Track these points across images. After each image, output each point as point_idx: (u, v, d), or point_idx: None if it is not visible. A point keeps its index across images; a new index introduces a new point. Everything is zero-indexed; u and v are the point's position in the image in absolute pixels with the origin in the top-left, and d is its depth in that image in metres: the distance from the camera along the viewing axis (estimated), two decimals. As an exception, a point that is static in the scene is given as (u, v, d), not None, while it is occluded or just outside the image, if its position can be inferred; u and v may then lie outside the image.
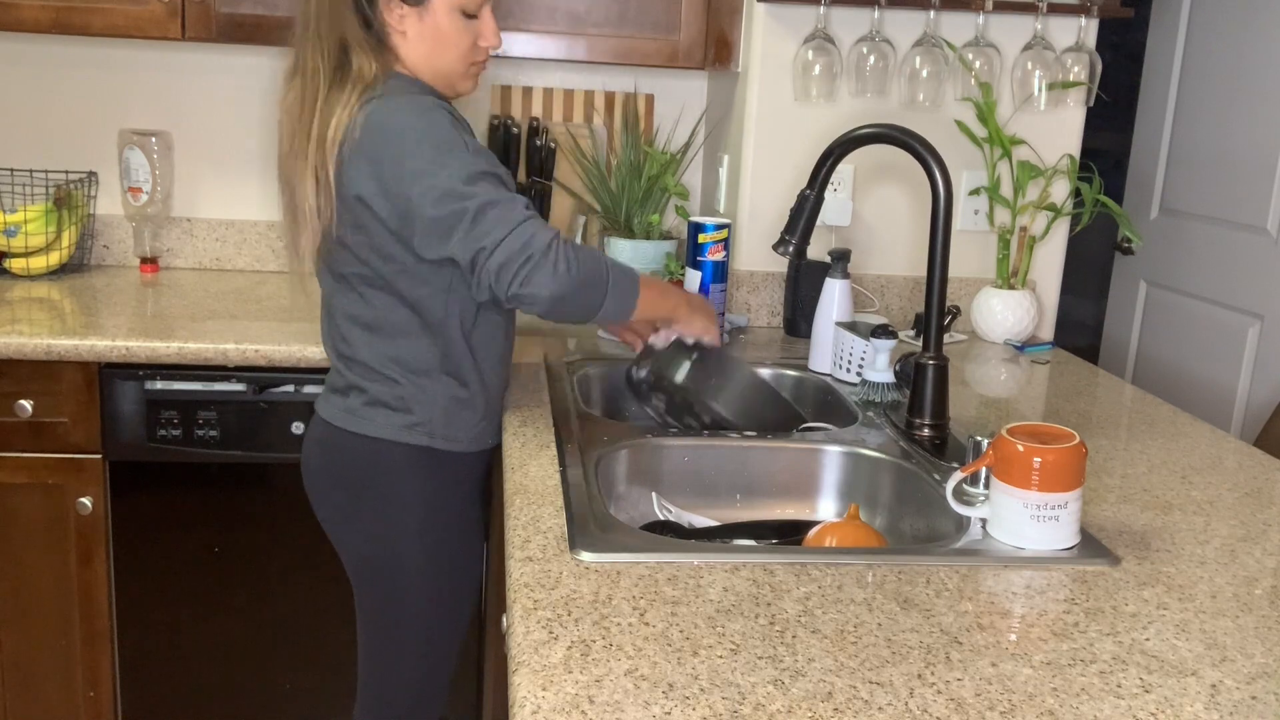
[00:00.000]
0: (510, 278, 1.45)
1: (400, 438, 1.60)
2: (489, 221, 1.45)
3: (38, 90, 2.60)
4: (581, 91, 2.69)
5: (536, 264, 1.44)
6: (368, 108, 1.50)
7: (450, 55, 1.59)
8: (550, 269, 1.45)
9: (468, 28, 1.59)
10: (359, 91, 1.51)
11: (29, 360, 2.02)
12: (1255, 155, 2.79)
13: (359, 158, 1.49)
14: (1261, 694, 0.99)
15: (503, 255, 1.44)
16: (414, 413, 1.60)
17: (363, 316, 1.60)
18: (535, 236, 1.45)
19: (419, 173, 1.46)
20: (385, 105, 1.51)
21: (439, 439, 1.62)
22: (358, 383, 1.62)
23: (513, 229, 1.45)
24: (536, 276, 1.45)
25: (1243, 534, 1.36)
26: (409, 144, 1.48)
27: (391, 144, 1.48)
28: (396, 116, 1.50)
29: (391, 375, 1.60)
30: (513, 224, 1.45)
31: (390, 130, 1.49)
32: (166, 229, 2.65)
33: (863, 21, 2.24)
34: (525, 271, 1.44)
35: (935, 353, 1.59)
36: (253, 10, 2.25)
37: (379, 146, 1.49)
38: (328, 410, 1.66)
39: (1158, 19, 3.16)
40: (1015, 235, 2.31)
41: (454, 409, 1.62)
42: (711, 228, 2.09)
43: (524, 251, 1.44)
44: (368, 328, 1.60)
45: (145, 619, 2.16)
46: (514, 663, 0.98)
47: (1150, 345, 3.17)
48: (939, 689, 0.97)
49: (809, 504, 1.64)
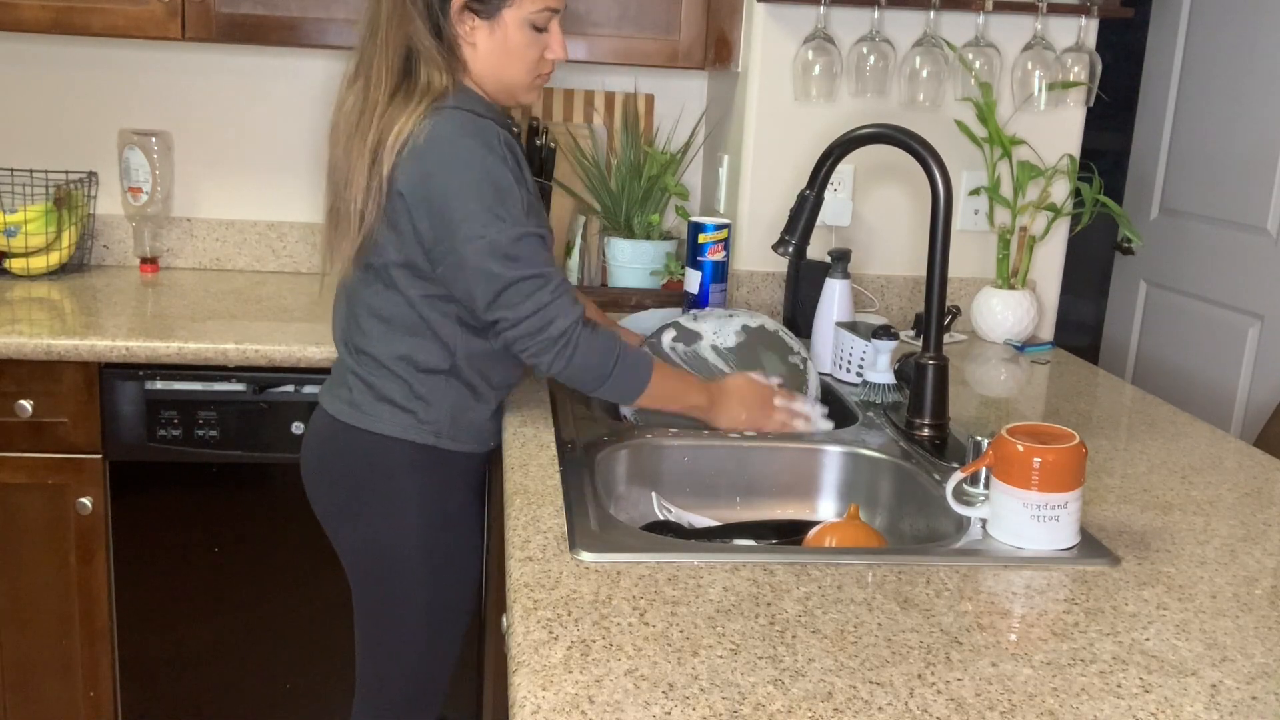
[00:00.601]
0: (521, 350, 1.55)
1: (406, 435, 1.60)
2: (518, 295, 1.51)
3: (38, 90, 2.60)
4: (581, 91, 2.69)
5: (546, 347, 1.53)
6: (435, 117, 1.50)
7: (518, 67, 1.61)
8: (554, 354, 1.54)
9: (536, 40, 1.60)
10: (427, 101, 1.51)
11: (29, 360, 2.02)
12: (1255, 155, 2.79)
13: (414, 162, 1.50)
14: (1261, 694, 0.99)
15: (519, 331, 1.53)
16: (421, 411, 1.60)
17: (381, 310, 1.60)
18: (554, 322, 1.52)
19: (470, 215, 1.49)
20: (454, 120, 1.51)
21: (445, 439, 1.62)
22: (366, 377, 1.62)
23: (538, 310, 1.52)
24: (543, 357, 1.54)
25: (1243, 534, 1.36)
26: (471, 177, 1.49)
27: (452, 165, 1.49)
28: (462, 141, 1.50)
29: (401, 372, 1.60)
30: (539, 305, 1.52)
31: (455, 150, 1.50)
32: (166, 229, 2.65)
33: (863, 21, 2.24)
34: (534, 349, 1.54)
35: (935, 353, 1.59)
36: (253, 10, 2.25)
37: (439, 161, 1.49)
38: (332, 404, 1.66)
39: (1158, 19, 3.16)
40: (1015, 235, 2.31)
41: (461, 409, 1.62)
42: (711, 228, 2.09)
43: (540, 334, 1.53)
44: (385, 321, 1.60)
45: (145, 619, 2.16)
46: (514, 663, 0.98)
47: (1150, 345, 3.17)
48: (939, 689, 0.97)
49: (809, 504, 1.64)
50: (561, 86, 2.68)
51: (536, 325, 1.52)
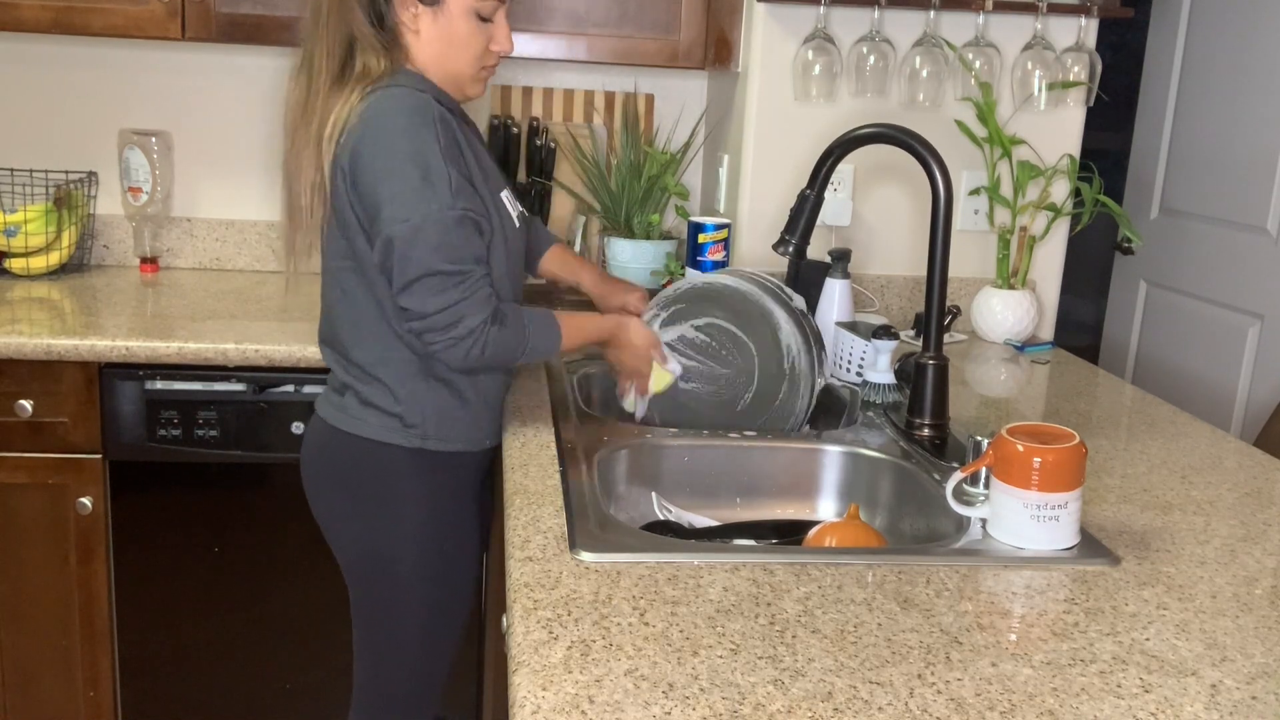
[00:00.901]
0: (429, 341, 1.51)
1: (393, 439, 1.60)
2: (431, 289, 1.48)
3: (38, 90, 2.60)
4: (581, 91, 2.69)
5: (452, 344, 1.50)
6: (370, 97, 1.49)
7: (462, 58, 1.58)
8: (464, 351, 1.51)
9: (481, 30, 1.58)
10: (363, 87, 1.50)
11: (29, 360, 2.02)
12: (1255, 155, 2.79)
13: (349, 144, 1.49)
14: (1261, 694, 0.99)
15: (426, 324, 1.49)
16: (406, 415, 1.60)
17: (348, 316, 1.60)
18: (463, 320, 1.49)
19: (395, 196, 1.46)
20: (387, 95, 1.49)
21: (432, 440, 1.61)
22: (351, 383, 1.62)
23: (447, 307, 1.48)
24: (452, 353, 1.51)
25: (1243, 534, 1.36)
26: (396, 159, 1.46)
27: (379, 146, 1.47)
28: (393, 118, 1.48)
29: (381, 376, 1.59)
30: (449, 302, 1.48)
31: (381, 130, 1.48)
32: (166, 229, 2.65)
33: (863, 21, 2.24)
34: (442, 344, 1.51)
35: (935, 353, 1.59)
36: (253, 10, 2.25)
37: (368, 139, 1.47)
38: (325, 409, 1.66)
39: (1158, 19, 3.16)
40: (1015, 235, 2.31)
41: (446, 411, 1.61)
42: (711, 228, 2.09)
43: (446, 331, 1.49)
44: (354, 326, 1.60)
45: (145, 619, 2.16)
46: (514, 663, 0.98)
47: (1150, 345, 3.17)
48: (939, 689, 0.97)
49: (809, 504, 1.64)
50: (561, 86, 2.68)
51: (444, 321, 1.48)
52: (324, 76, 1.52)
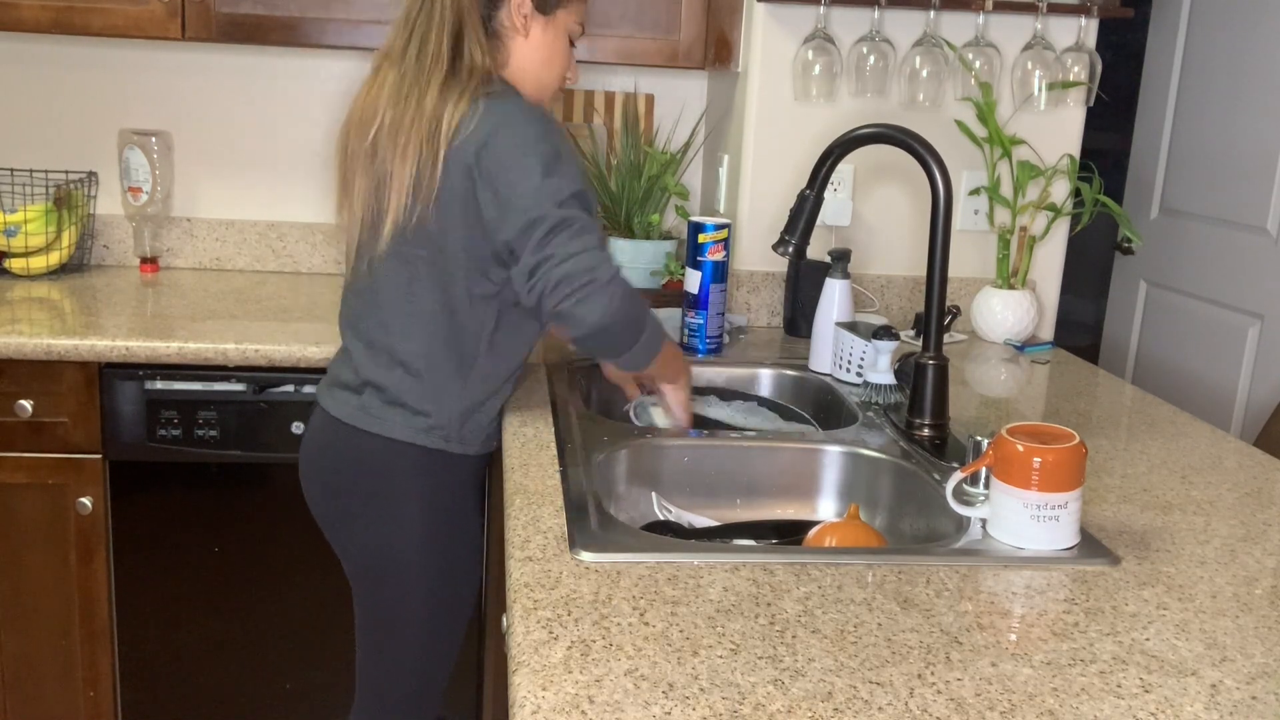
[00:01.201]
0: (566, 293, 1.46)
1: (416, 439, 1.60)
2: (566, 237, 1.47)
3: (38, 90, 2.60)
4: (581, 91, 2.69)
5: (596, 290, 1.47)
6: (489, 98, 1.51)
7: (556, 71, 1.64)
8: (605, 299, 1.47)
9: (569, 52, 1.65)
10: (474, 84, 1.51)
11: (29, 360, 2.02)
12: (1255, 155, 2.79)
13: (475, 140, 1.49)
14: (1261, 694, 0.99)
15: (567, 269, 1.46)
16: (432, 414, 1.60)
17: (403, 305, 1.58)
18: (603, 265, 1.48)
19: (529, 170, 1.48)
20: (508, 100, 1.52)
21: (454, 442, 1.61)
22: (376, 378, 1.60)
23: (586, 249, 1.48)
24: (591, 300, 1.47)
25: (1243, 534, 1.36)
26: (529, 143, 1.49)
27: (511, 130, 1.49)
28: (519, 114, 1.51)
29: (419, 370, 1.59)
30: (588, 246, 1.48)
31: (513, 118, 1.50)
32: (166, 229, 2.65)
33: (863, 21, 2.24)
34: (582, 293, 1.46)
35: (935, 353, 1.59)
36: (253, 10, 2.25)
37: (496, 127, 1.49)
38: (335, 406, 1.64)
39: (1158, 19, 3.16)
40: (1015, 235, 2.31)
41: (470, 412, 1.62)
42: (711, 228, 2.09)
43: (589, 274, 1.46)
44: (410, 319, 1.58)
45: (145, 619, 2.16)
46: (514, 663, 0.98)
47: (1150, 345, 3.17)
48: (939, 689, 0.97)
49: (809, 504, 1.64)
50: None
51: (585, 264, 1.46)
52: (439, 67, 1.52)
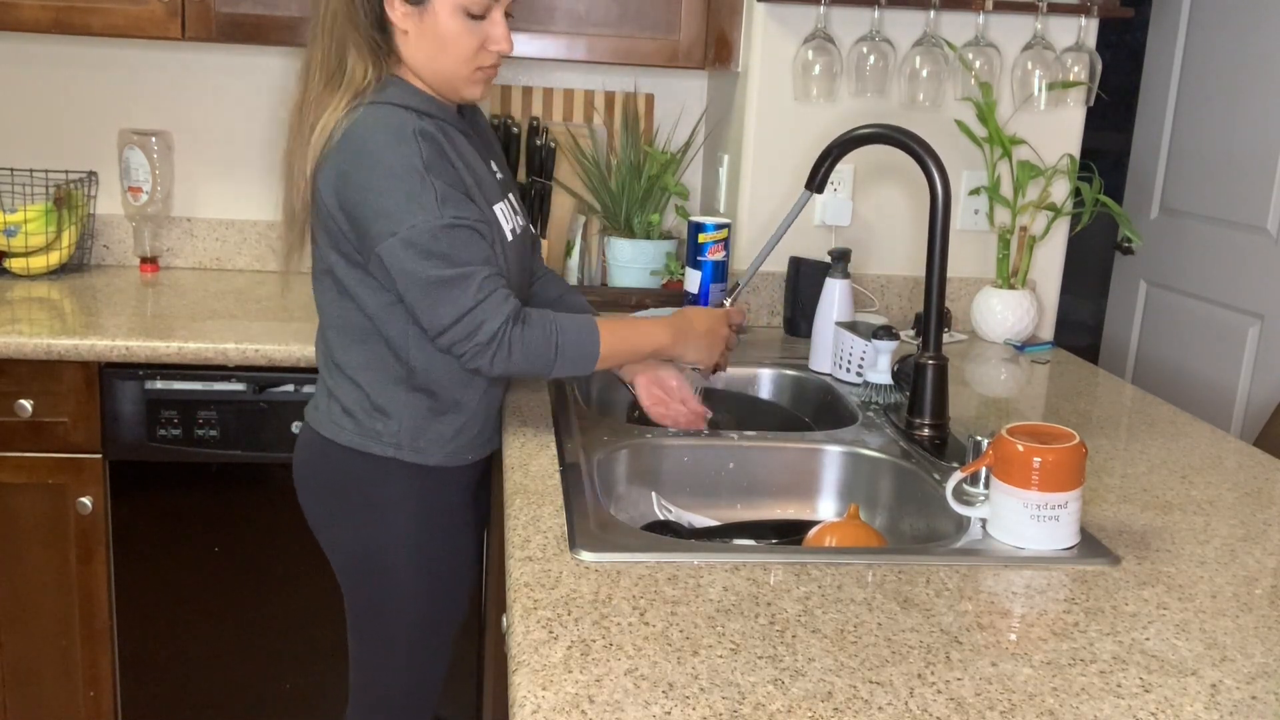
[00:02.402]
0: (459, 355, 1.49)
1: (367, 448, 1.58)
2: (439, 301, 1.45)
3: (38, 90, 2.60)
4: (581, 91, 2.69)
5: (479, 351, 1.47)
6: (355, 113, 1.47)
7: (452, 58, 1.53)
8: (490, 357, 1.48)
9: (473, 30, 1.52)
10: (348, 96, 1.48)
11: (29, 360, 2.02)
12: (1255, 155, 2.79)
13: (330, 164, 1.48)
14: (1261, 694, 0.99)
15: (450, 338, 1.47)
16: (380, 424, 1.58)
17: (336, 319, 1.59)
18: (483, 326, 1.46)
19: (382, 212, 1.44)
20: (366, 117, 1.47)
21: (406, 450, 1.59)
22: (333, 389, 1.61)
23: (461, 316, 1.45)
24: (479, 361, 1.48)
25: (1243, 534, 1.36)
26: (378, 175, 1.45)
27: (361, 166, 1.46)
28: (373, 135, 1.46)
29: (361, 382, 1.58)
30: (462, 310, 1.45)
31: (363, 150, 1.46)
32: (166, 229, 2.65)
33: (863, 21, 2.24)
34: (469, 354, 1.48)
35: (935, 353, 1.59)
36: (253, 10, 2.25)
37: (348, 161, 1.46)
38: (311, 415, 1.66)
39: (1158, 19, 3.16)
40: (1015, 235, 2.31)
41: (423, 422, 1.59)
42: (711, 227, 2.09)
43: (470, 339, 1.46)
44: (341, 330, 1.59)
45: (145, 619, 2.16)
46: (514, 663, 0.98)
47: (1150, 345, 3.17)
48: (939, 689, 0.97)
49: (809, 504, 1.64)
50: (561, 86, 2.68)
51: (465, 331, 1.46)
52: (318, 78, 1.51)
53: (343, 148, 1.46)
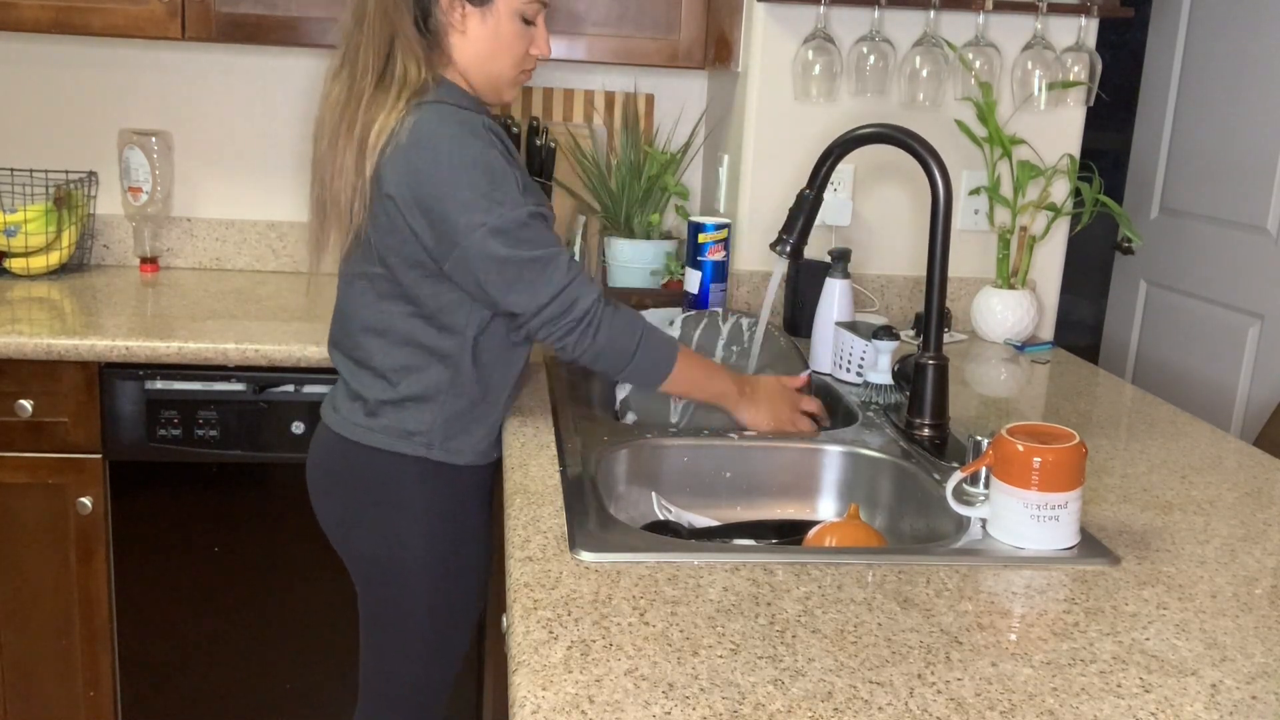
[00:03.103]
0: (547, 335, 1.54)
1: (399, 448, 1.59)
2: (535, 279, 1.49)
3: (38, 90, 2.60)
4: (581, 91, 2.69)
5: (571, 329, 1.52)
6: (418, 111, 1.48)
7: (505, 59, 1.58)
8: (580, 335, 1.53)
9: (524, 33, 1.59)
10: (405, 95, 1.49)
11: (29, 360, 2.02)
12: (1255, 155, 2.79)
13: (400, 162, 1.47)
14: (1261, 694, 0.99)
15: (543, 317, 1.51)
16: (413, 424, 1.59)
17: (375, 322, 1.58)
18: (577, 303, 1.51)
19: (466, 205, 1.46)
20: (437, 114, 1.48)
21: (437, 450, 1.60)
22: (361, 391, 1.61)
23: (558, 293, 1.50)
24: (569, 339, 1.53)
25: (1243, 534, 1.36)
26: (458, 169, 1.46)
27: (438, 162, 1.46)
28: (446, 131, 1.47)
29: (396, 384, 1.58)
30: (558, 286, 1.50)
31: (438, 147, 1.47)
32: (166, 229, 2.65)
33: (863, 21, 2.24)
34: (559, 332, 1.52)
35: (935, 353, 1.59)
36: (253, 10, 2.25)
37: (424, 157, 1.46)
38: (332, 418, 1.65)
39: (1158, 19, 3.16)
40: (1015, 235, 2.31)
41: (456, 422, 1.60)
42: (711, 227, 2.09)
43: (565, 316, 1.51)
44: (379, 334, 1.58)
45: (145, 619, 2.16)
46: (514, 663, 0.98)
47: (1150, 345, 3.17)
48: (939, 689, 0.97)
49: (809, 504, 1.64)
50: (561, 86, 2.68)
51: (560, 308, 1.50)
52: (369, 78, 1.50)
53: (414, 145, 1.47)
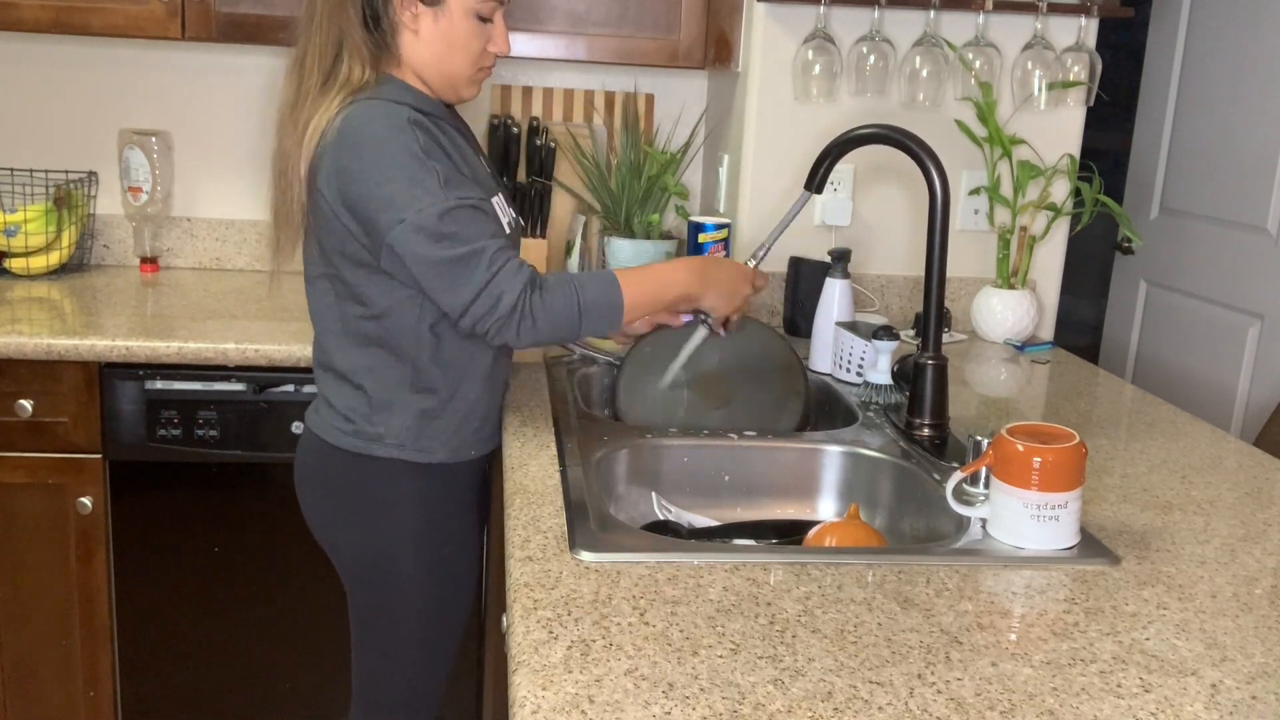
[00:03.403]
0: (483, 333, 1.48)
1: (373, 451, 1.58)
2: (456, 279, 1.45)
3: (38, 90, 2.60)
4: (581, 91, 2.69)
5: (503, 323, 1.47)
6: (347, 109, 1.47)
7: (460, 58, 1.56)
8: (516, 327, 1.47)
9: (480, 31, 1.56)
10: (343, 95, 1.48)
11: (29, 360, 2.02)
12: (1255, 155, 2.79)
13: (328, 160, 1.47)
14: (1261, 694, 0.99)
15: (472, 316, 1.47)
16: (380, 425, 1.58)
17: (335, 324, 1.58)
18: (502, 298, 1.46)
19: (386, 202, 1.44)
20: (361, 112, 1.47)
21: (409, 450, 1.59)
22: (330, 395, 1.61)
23: (480, 291, 1.45)
24: (505, 333, 1.48)
25: (1243, 534, 1.36)
26: (378, 165, 1.45)
27: (360, 159, 1.46)
28: (368, 127, 1.46)
29: (361, 384, 1.58)
30: (479, 285, 1.45)
31: (360, 143, 1.46)
32: (166, 229, 2.65)
33: (863, 21, 2.24)
34: (493, 328, 1.47)
35: (935, 353, 1.59)
36: (253, 10, 2.25)
37: (346, 155, 1.46)
38: (314, 421, 1.66)
39: (1158, 19, 3.16)
40: (1015, 235, 2.31)
41: (423, 421, 1.59)
42: (711, 227, 2.09)
43: (492, 313, 1.46)
44: (339, 336, 1.58)
45: (145, 619, 2.16)
46: (514, 663, 0.98)
47: (1150, 345, 3.17)
48: (939, 689, 0.97)
49: (809, 504, 1.64)
50: (561, 86, 2.68)
51: (485, 306, 1.45)
52: (313, 78, 1.51)
53: (338, 143, 1.46)
